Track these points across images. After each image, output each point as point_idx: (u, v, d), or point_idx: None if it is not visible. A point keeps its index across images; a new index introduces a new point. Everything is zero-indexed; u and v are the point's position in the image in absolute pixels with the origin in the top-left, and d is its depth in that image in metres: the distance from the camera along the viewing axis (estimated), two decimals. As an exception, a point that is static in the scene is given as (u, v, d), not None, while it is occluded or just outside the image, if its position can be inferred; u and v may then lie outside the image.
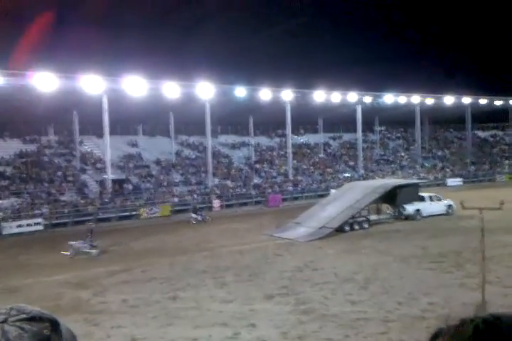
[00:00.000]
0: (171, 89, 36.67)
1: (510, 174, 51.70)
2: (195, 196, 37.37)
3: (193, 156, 44.96)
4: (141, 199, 35.60)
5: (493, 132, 65.25)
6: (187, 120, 44.11)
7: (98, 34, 50.79)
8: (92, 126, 40.50)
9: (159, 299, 14.09)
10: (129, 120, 42.52)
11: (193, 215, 30.75)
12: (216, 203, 36.34)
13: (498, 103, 56.93)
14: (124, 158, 40.96)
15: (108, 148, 35.78)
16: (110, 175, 35.72)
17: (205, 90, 38.04)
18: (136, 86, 34.88)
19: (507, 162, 57.33)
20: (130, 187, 36.98)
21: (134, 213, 33.50)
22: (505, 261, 16.69)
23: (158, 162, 42.17)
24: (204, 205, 36.43)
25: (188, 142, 47.00)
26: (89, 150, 40.99)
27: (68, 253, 20.60)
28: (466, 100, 53.54)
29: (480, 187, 45.49)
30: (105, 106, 34.57)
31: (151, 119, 43.94)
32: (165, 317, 12.46)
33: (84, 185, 36.34)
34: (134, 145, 43.84)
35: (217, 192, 38.43)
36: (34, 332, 0.82)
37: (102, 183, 36.57)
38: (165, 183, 38.73)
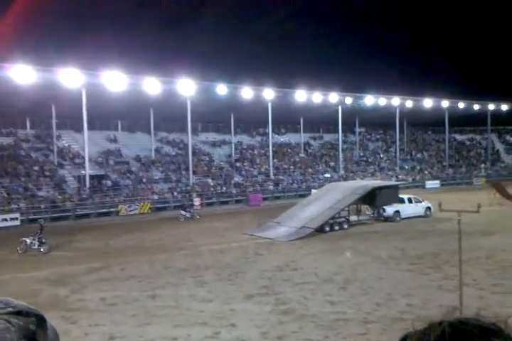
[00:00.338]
0: (152, 85, 36.27)
1: (486, 177, 52.67)
2: (175, 193, 37.14)
3: (173, 153, 44.65)
4: (120, 195, 35.19)
5: (470, 136, 66.46)
6: (167, 116, 43.81)
7: (78, 27, 50.01)
8: (71, 121, 39.93)
9: (138, 297, 13.94)
10: (108, 115, 42.01)
11: (182, 212, 30.80)
12: (196, 201, 36.15)
13: (475, 107, 57.96)
14: (103, 154, 40.44)
15: (86, 143, 35.24)
16: (88, 171, 35.22)
17: (187, 87, 37.76)
18: (116, 81, 34.39)
19: (483, 165, 58.50)
20: (109, 183, 36.53)
21: (112, 210, 33.12)
22: (481, 263, 16.99)
23: (137, 158, 41.76)
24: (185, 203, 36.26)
25: (168, 139, 46.66)
26: (67, 145, 40.35)
27: (18, 248, 20.56)
28: (445, 103, 54.37)
29: (457, 189, 46.29)
30: (84, 100, 34.02)
31: (130, 115, 43.45)
32: (144, 315, 12.32)
33: (62, 181, 35.77)
34: (113, 140, 43.33)
35: (198, 190, 38.24)
36: (20, 327, 0.81)
37: (80, 179, 36.05)
38: (144, 180, 38.37)
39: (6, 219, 28.78)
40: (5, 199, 31.13)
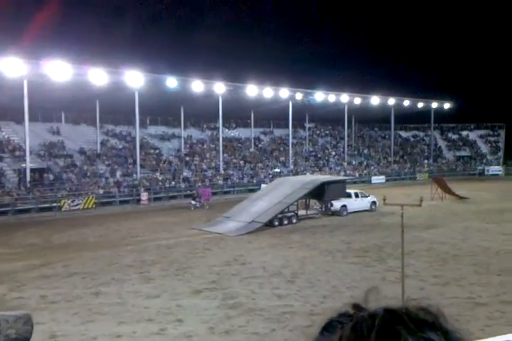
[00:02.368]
0: (98, 76, 35.06)
1: (429, 173, 54.76)
2: (121, 188, 36.24)
3: (120, 146, 43.54)
4: (63, 190, 33.93)
5: (414, 132, 68.86)
6: (114, 109, 42.65)
7: (20, 15, 47.67)
8: (11, 112, 38.08)
9: (81, 294, 13.49)
10: (51, 106, 40.38)
11: (192, 202, 32.32)
12: (144, 196, 35.45)
13: (420, 105, 60.06)
14: (45, 146, 38.87)
15: (27, 135, 33.66)
16: (29, 164, 33.72)
17: (135, 79, 36.78)
18: (60, 71, 33.00)
19: (426, 161, 60.79)
20: (51, 177, 35.14)
21: (55, 205, 31.84)
22: (422, 255, 17.59)
23: (82, 151, 40.42)
24: (131, 198, 35.50)
25: (115, 132, 45.45)
26: (6, 136, 38.52)
27: None
28: (391, 101, 55.99)
29: (402, 184, 47.90)
30: (25, 90, 32.46)
31: (75, 107, 41.96)
32: (87, 313, 11.94)
33: (0, 174, 34.07)
34: (56, 133, 41.76)
35: (146, 184, 37.50)
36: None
37: (20, 172, 34.49)
38: (89, 174, 37.20)
39: None
40: None
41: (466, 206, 31.24)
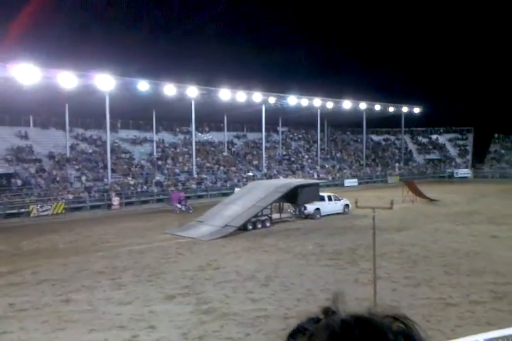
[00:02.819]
0: (68, 80, 34.38)
1: (400, 176, 55.65)
2: (92, 193, 35.59)
3: (90, 151, 42.81)
4: (32, 195, 33.12)
5: (385, 136, 69.98)
6: (84, 113, 41.96)
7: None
8: (-23, 115, 37.09)
9: (50, 302, 13.15)
10: (19, 110, 39.43)
11: (178, 205, 32.15)
12: (115, 201, 34.91)
13: (390, 109, 61.11)
14: (13, 151, 37.90)
15: (-5, 139, 32.81)
16: (-3, 169, 32.85)
17: (105, 82, 36.23)
18: (28, 74, 32.25)
19: (397, 165, 61.81)
20: (19, 182, 34.26)
21: (23, 210, 31.04)
22: (394, 257, 17.81)
23: (51, 156, 39.57)
24: (102, 203, 34.92)
25: (85, 136, 44.67)
26: (-28, 140, 37.45)
27: None
28: (363, 105, 56.78)
29: (373, 188, 48.53)
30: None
31: (44, 110, 41.04)
32: (57, 321, 11.66)
33: (-35, 179, 33.08)
34: (24, 137, 40.78)
35: (118, 188, 36.95)
36: None
37: (-14, 178, 33.53)
38: (58, 179, 36.42)
39: None
40: None
41: (436, 208, 31.84)
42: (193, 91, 42.04)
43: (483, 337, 5.17)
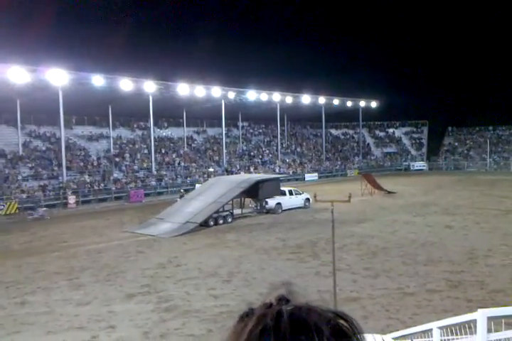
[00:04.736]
0: (18, 75, 33.06)
1: (358, 169, 56.67)
2: (46, 191, 34.48)
3: (44, 148, 41.43)
4: (-17, 195, 31.78)
5: (344, 130, 71.06)
6: (37, 109, 40.50)
7: None
8: None
9: (5, 305, 12.70)
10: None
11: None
12: (71, 199, 33.94)
13: (349, 104, 62.03)
14: (-38, 150, 36.27)
15: None
16: None
17: (58, 77, 35.00)
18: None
19: (356, 158, 62.93)
20: (-31, 181, 32.83)
21: (-27, 211, 29.80)
22: (353, 249, 18.10)
23: (2, 154, 38.07)
24: (57, 202, 33.89)
25: (38, 133, 43.19)
26: None
27: None
28: (321, 100, 57.38)
29: (333, 181, 49.20)
30: None
31: (-6, 107, 39.44)
32: (12, 323, 11.31)
33: None
34: (-26, 134, 39.06)
35: (74, 187, 35.93)
36: None
37: None
38: (11, 178, 35.08)
39: None
40: None
41: (393, 200, 32.59)
42: (150, 86, 41.30)
43: (437, 324, 5.27)
